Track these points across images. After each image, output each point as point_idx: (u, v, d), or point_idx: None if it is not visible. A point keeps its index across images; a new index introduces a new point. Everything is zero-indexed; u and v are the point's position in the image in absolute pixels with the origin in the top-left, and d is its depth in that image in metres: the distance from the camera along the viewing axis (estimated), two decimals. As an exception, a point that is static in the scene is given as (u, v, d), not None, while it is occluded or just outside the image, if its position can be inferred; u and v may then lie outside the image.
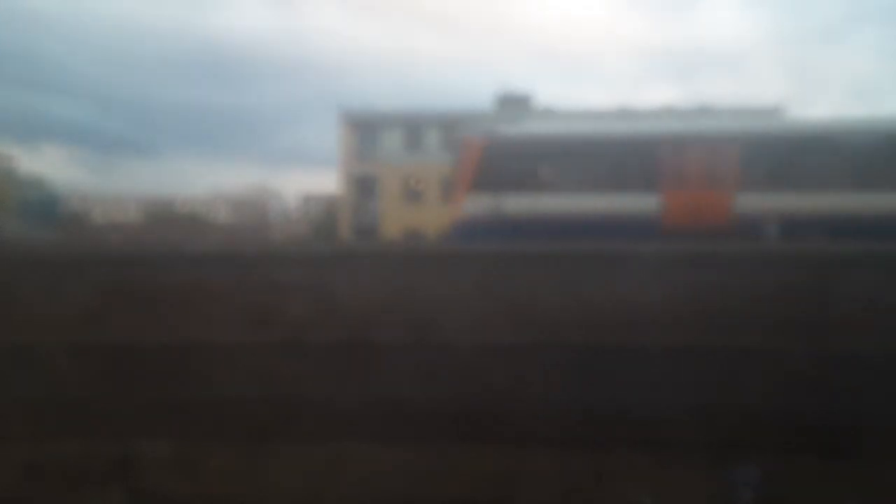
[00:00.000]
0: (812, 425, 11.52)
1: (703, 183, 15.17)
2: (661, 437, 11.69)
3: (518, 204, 15.40)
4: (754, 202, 14.88)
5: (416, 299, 12.55)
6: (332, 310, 12.60)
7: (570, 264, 12.70)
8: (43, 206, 65.36)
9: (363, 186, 53.07)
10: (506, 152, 15.83)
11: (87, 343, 12.62)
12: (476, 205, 15.43)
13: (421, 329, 12.46)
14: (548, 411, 12.00)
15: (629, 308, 12.24)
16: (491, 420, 12.10)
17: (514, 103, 25.32)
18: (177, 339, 12.65)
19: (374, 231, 48.65)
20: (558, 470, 12.00)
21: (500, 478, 12.04)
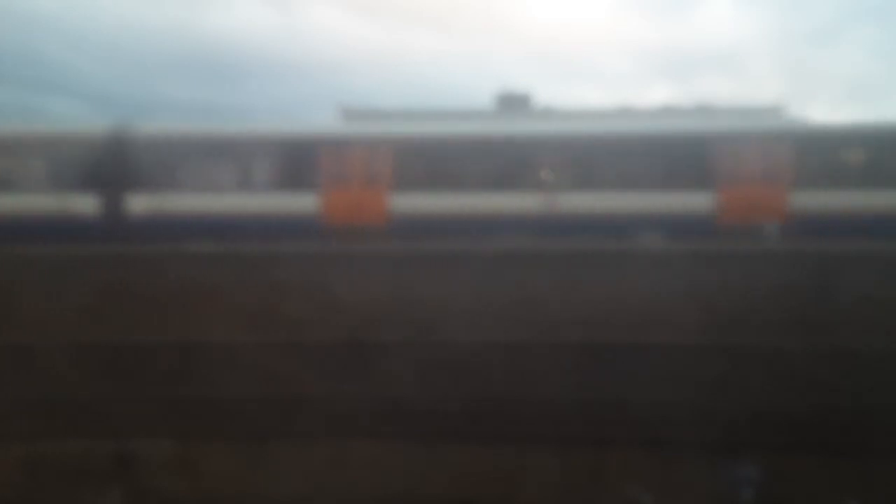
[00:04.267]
0: (812, 423, 11.53)
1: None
2: (661, 436, 11.70)
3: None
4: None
5: (416, 299, 12.56)
6: (332, 310, 12.61)
7: (570, 263, 12.70)
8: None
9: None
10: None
11: (87, 343, 12.63)
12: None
13: (420, 328, 12.47)
14: (548, 410, 12.01)
15: (629, 307, 12.25)
16: (491, 419, 12.11)
17: (513, 102, 25.32)
18: (177, 339, 12.65)
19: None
20: (558, 468, 12.02)
21: (500, 477, 12.06)
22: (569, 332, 12.22)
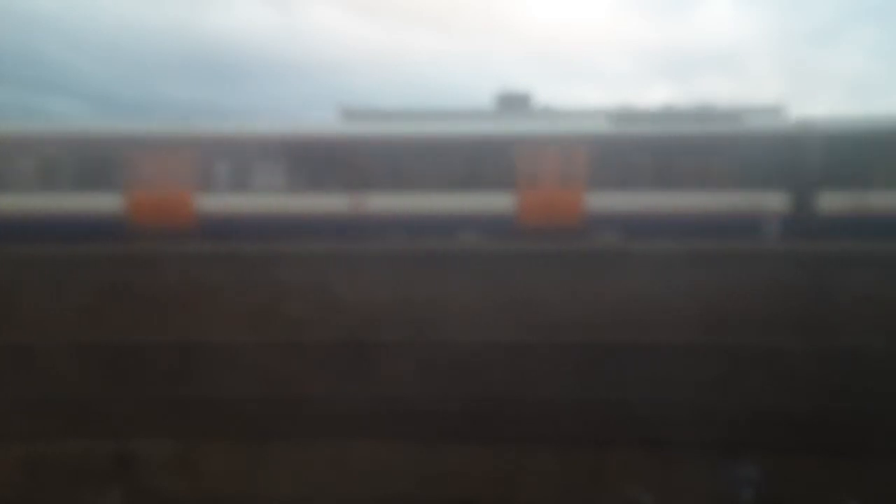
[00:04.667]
0: (812, 423, 11.53)
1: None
2: (661, 436, 11.70)
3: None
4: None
5: (416, 299, 12.55)
6: (332, 310, 12.61)
7: (571, 263, 12.70)
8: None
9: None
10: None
11: (87, 343, 12.63)
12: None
13: (421, 328, 12.47)
14: (548, 410, 12.01)
15: (629, 307, 12.25)
16: (491, 419, 12.11)
17: (513, 102, 25.32)
18: (177, 339, 12.65)
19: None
20: (558, 468, 12.02)
21: (500, 477, 12.06)
22: (569, 332, 12.22)
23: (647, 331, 12.07)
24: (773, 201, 15.12)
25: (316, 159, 16.06)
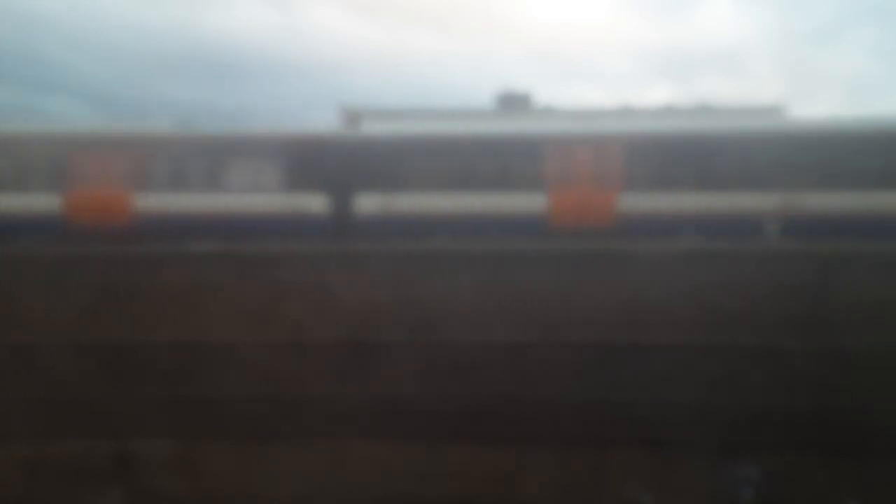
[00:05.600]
0: (812, 423, 11.53)
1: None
2: (661, 436, 11.70)
3: None
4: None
5: (416, 299, 12.55)
6: (332, 310, 12.61)
7: (570, 263, 12.70)
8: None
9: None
10: None
11: (87, 343, 12.63)
12: None
13: (421, 328, 12.46)
14: (548, 410, 12.01)
15: (629, 307, 12.25)
16: (491, 419, 12.11)
17: (513, 102, 25.31)
18: (177, 338, 12.65)
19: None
20: (558, 468, 12.01)
21: (500, 477, 12.05)
22: (569, 332, 12.22)
23: (647, 331, 12.07)
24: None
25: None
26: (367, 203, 15.73)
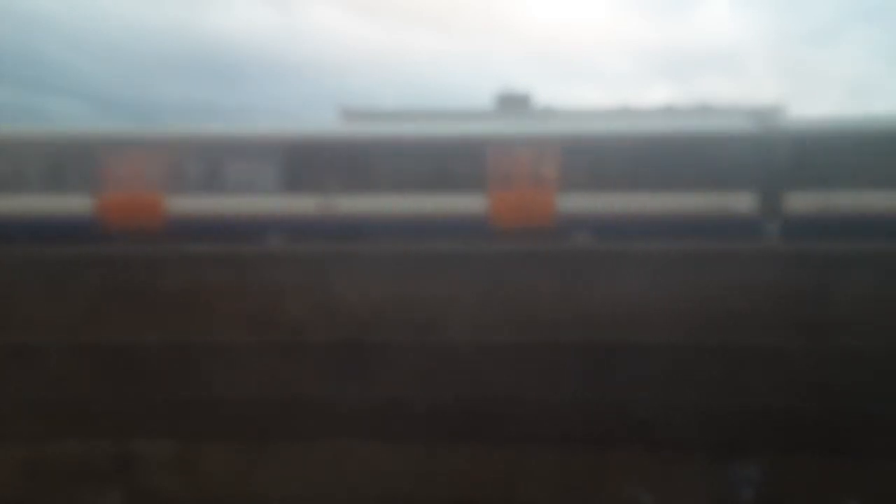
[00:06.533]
0: (812, 423, 11.53)
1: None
2: (661, 436, 11.70)
3: None
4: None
5: (416, 299, 12.55)
6: (332, 310, 12.60)
7: (571, 264, 12.69)
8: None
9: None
10: None
11: (87, 343, 12.63)
12: None
13: (421, 329, 12.46)
14: (548, 410, 12.01)
15: (629, 307, 12.24)
16: (491, 420, 12.11)
17: (513, 102, 25.34)
18: (177, 339, 12.65)
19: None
20: (558, 468, 12.01)
21: (500, 477, 12.06)
22: (569, 332, 12.21)
23: (646, 331, 12.06)
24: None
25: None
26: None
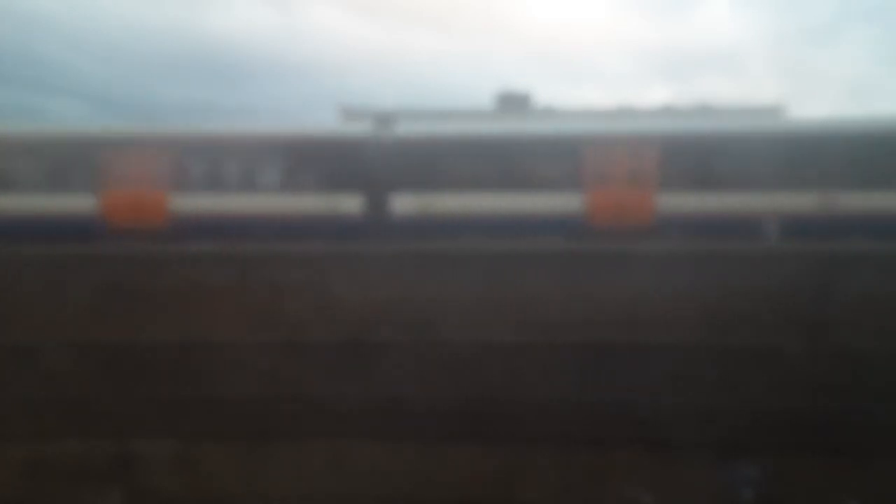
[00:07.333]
0: (812, 423, 11.53)
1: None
2: (661, 436, 11.69)
3: None
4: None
5: (416, 299, 12.56)
6: (332, 310, 12.61)
7: (570, 263, 12.70)
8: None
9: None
10: None
11: (87, 343, 12.63)
12: None
13: (421, 329, 12.46)
14: (548, 410, 12.01)
15: (629, 307, 12.25)
16: (491, 419, 12.11)
17: (513, 102, 25.40)
18: (177, 338, 12.65)
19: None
20: (558, 469, 12.01)
21: (500, 477, 12.05)
22: (569, 332, 12.22)
23: (647, 331, 12.07)
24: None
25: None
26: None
